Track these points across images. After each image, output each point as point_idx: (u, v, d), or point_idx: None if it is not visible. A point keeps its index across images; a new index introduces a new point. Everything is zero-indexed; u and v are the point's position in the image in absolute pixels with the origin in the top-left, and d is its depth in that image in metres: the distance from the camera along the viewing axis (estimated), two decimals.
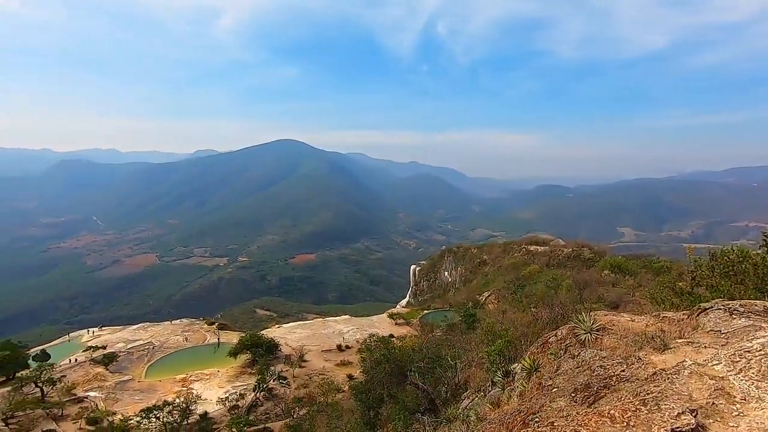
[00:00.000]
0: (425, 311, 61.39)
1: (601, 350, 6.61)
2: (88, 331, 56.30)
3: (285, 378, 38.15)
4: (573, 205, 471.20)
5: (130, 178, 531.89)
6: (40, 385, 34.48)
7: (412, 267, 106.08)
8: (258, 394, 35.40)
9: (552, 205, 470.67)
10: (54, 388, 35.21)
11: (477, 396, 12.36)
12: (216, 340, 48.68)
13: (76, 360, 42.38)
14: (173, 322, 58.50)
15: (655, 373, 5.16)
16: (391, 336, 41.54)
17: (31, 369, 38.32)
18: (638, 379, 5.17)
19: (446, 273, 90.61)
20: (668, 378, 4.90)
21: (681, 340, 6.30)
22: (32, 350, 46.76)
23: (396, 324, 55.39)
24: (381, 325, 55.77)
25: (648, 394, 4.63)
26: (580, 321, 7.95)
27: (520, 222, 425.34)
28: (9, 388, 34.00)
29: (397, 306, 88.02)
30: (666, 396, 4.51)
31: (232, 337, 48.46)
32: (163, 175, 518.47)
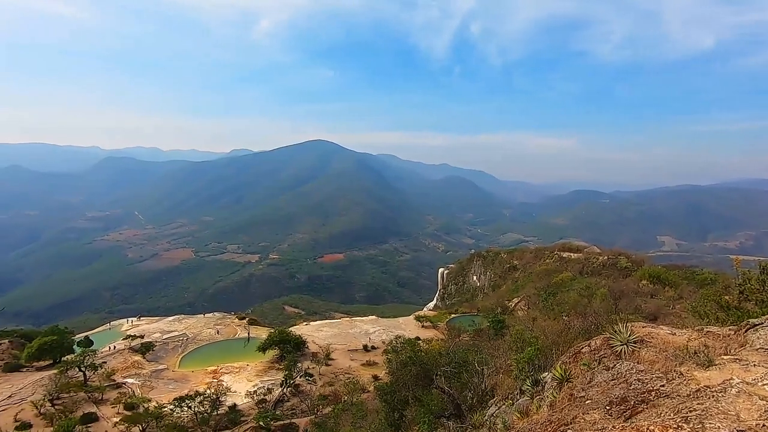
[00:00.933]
0: (452, 315, 60.76)
1: (638, 363, 6.33)
2: (128, 320, 59.09)
3: (311, 375, 38.67)
4: (609, 211, 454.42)
5: (170, 175, 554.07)
6: (83, 369, 36.39)
7: (440, 270, 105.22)
8: (285, 390, 36.02)
9: (587, 211, 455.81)
10: (95, 373, 37.06)
11: (504, 404, 12.11)
12: (246, 334, 49.93)
13: (115, 347, 44.53)
14: (206, 315, 60.48)
15: (698, 390, 4.89)
16: (418, 338, 41.33)
17: (75, 354, 40.54)
18: (680, 396, 4.91)
19: (475, 277, 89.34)
20: (713, 396, 4.62)
21: (727, 357, 5.95)
22: (77, 336, 49.50)
23: (423, 327, 55.10)
24: (407, 327, 55.61)
25: (691, 411, 4.39)
26: (615, 332, 7.64)
27: (553, 227, 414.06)
28: (55, 371, 36.06)
29: (424, 309, 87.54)
30: (711, 415, 4.26)
31: (262, 333, 49.57)
32: (201, 174, 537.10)
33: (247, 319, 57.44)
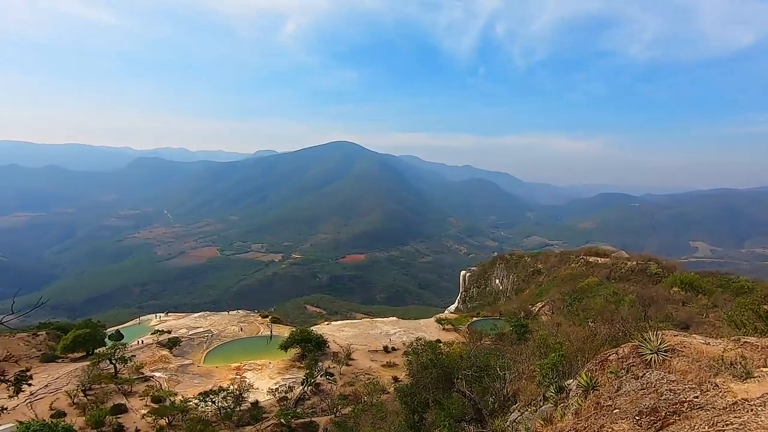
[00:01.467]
0: (474, 318, 60.02)
1: (669, 373, 6.09)
2: (156, 315, 60.94)
3: (332, 374, 38.91)
4: (639, 215, 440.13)
5: (197, 175, 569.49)
6: (113, 362, 37.71)
7: (462, 272, 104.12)
8: (306, 388, 36.38)
9: (615, 215, 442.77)
10: (125, 365, 38.34)
11: (527, 410, 11.87)
12: (269, 332, 50.68)
13: (142, 342, 45.97)
14: (230, 312, 61.72)
15: (735, 403, 4.66)
16: (439, 341, 41.00)
17: (107, 347, 42.09)
18: (715, 408, 4.70)
19: (497, 280, 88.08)
20: (752, 409, 4.40)
21: (767, 369, 5.66)
22: (108, 330, 51.41)
23: (444, 329, 54.66)
24: (428, 329, 55.29)
25: (727, 425, 4.19)
26: (645, 340, 7.39)
27: (579, 231, 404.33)
28: (88, 363, 37.51)
29: (445, 311, 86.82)
30: (749, 429, 4.06)
31: (284, 331, 50.23)
32: (227, 174, 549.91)
33: (269, 317, 58.32)
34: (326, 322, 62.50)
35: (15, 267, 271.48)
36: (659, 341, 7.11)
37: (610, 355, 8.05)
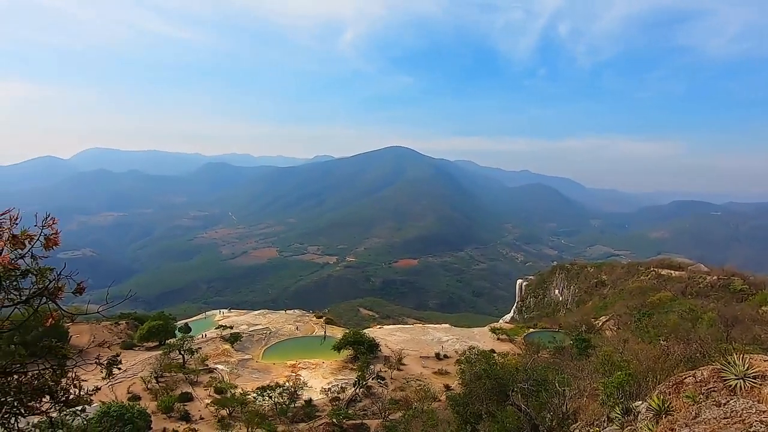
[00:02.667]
0: (531, 329, 57.60)
1: (759, 402, 5.46)
2: (219, 311, 64.82)
3: (383, 378, 39.08)
4: (720, 225, 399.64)
5: (259, 179, 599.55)
6: (182, 353, 40.56)
7: (519, 281, 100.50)
8: (357, 390, 36.82)
9: (692, 225, 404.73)
10: (192, 357, 41.08)
11: (589, 430, 11.17)
12: (323, 333, 51.98)
13: (206, 336, 49.00)
14: (287, 311, 64.08)
15: None
16: (493, 351, 39.80)
17: (176, 338, 45.38)
18: None
19: (556, 291, 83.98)
20: None
21: None
22: (178, 323, 55.42)
23: (498, 339, 53.00)
24: (482, 338, 53.86)
25: None
26: (729, 363, 6.68)
27: (649, 241, 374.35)
28: (160, 352, 40.67)
29: (500, 321, 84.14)
30: None
31: (337, 332, 51.26)
32: (286, 178, 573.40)
33: (324, 318, 59.80)
34: (378, 326, 62.97)
35: (103, 262, 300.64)
36: (746, 366, 6.40)
37: (686, 378, 7.38)
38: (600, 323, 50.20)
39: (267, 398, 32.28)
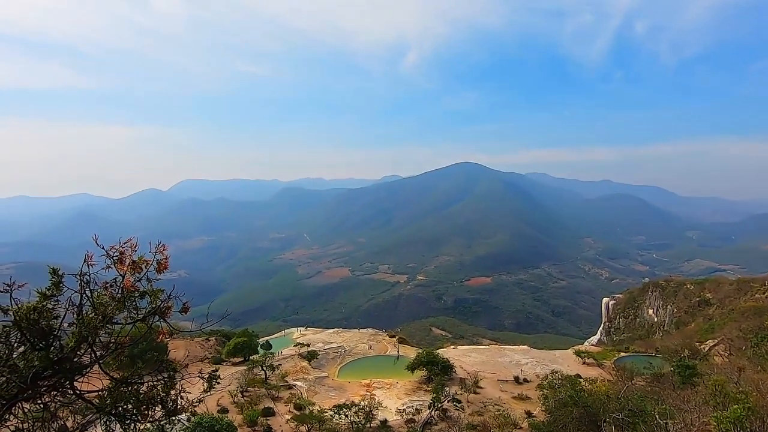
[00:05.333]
0: (622, 353, 52.57)
1: None
2: (297, 329, 67.61)
3: (459, 401, 37.79)
4: None
5: (331, 201, 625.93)
6: (264, 369, 42.70)
7: (605, 300, 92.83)
8: (433, 413, 35.95)
9: None
10: (273, 373, 43.07)
11: None
12: (395, 352, 51.86)
13: (281, 353, 51.14)
14: (361, 330, 65.03)
15: None
16: (578, 376, 36.87)
17: (259, 355, 47.96)
18: None
19: (650, 311, 76.14)
20: None
21: None
22: (260, 340, 58.67)
23: (584, 363, 49.00)
24: (565, 361, 50.17)
25: None
26: None
27: (763, 254, 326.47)
28: (245, 368, 43.20)
29: (585, 343, 77.98)
30: None
31: (409, 352, 50.84)
32: (356, 199, 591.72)
33: (396, 337, 59.72)
34: (452, 346, 61.40)
35: (194, 282, 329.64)
36: None
37: None
38: (706, 348, 44.46)
39: (343, 416, 32.67)
